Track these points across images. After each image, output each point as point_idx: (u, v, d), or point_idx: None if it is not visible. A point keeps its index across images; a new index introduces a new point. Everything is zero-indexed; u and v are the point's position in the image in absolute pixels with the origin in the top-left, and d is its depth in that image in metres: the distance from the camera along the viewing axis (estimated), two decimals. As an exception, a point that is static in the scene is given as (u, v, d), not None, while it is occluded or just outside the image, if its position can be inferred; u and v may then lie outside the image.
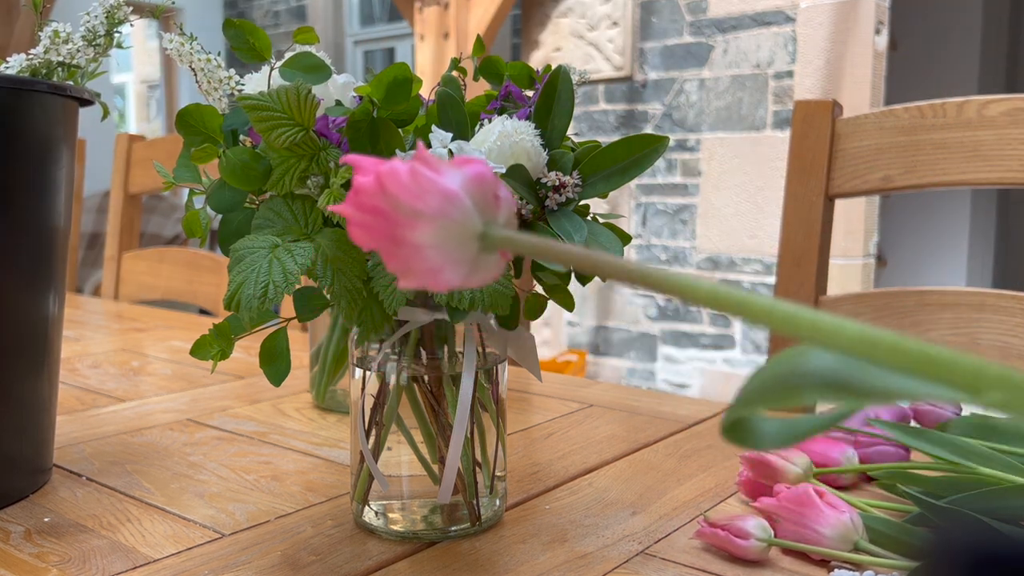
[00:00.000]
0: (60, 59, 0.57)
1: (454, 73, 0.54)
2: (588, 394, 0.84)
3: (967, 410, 0.58)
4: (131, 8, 0.60)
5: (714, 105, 3.01)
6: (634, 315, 3.28)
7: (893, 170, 0.84)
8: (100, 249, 3.76)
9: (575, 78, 0.52)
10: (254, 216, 0.46)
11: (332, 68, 0.48)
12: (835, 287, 2.59)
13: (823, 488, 0.49)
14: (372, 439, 0.50)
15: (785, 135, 2.81)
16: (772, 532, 0.47)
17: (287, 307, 1.08)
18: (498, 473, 0.52)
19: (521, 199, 0.47)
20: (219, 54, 0.51)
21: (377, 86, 0.47)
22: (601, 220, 0.49)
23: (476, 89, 0.56)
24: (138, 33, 5.19)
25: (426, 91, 0.51)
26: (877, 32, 2.66)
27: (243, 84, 0.50)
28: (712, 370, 3.10)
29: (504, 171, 0.46)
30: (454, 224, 0.21)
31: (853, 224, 2.70)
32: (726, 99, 2.98)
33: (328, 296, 0.44)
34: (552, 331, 3.51)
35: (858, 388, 0.19)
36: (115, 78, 5.35)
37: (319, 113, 0.46)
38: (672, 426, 0.73)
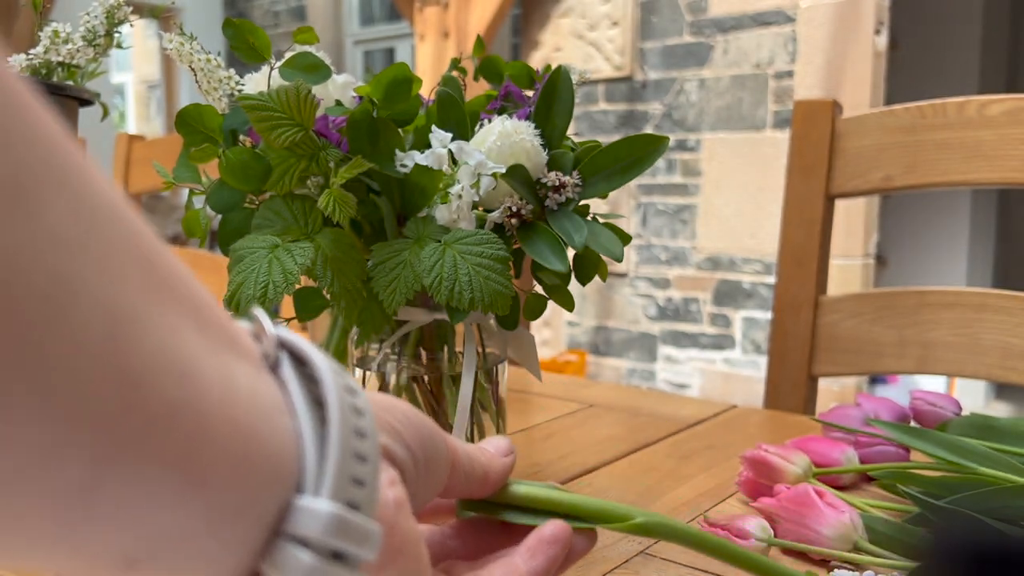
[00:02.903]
0: (60, 59, 0.57)
1: (454, 73, 0.54)
2: (588, 394, 0.84)
3: (966, 410, 0.58)
4: (131, 8, 0.59)
5: (714, 105, 3.01)
6: (634, 315, 3.28)
7: (894, 170, 0.84)
8: (100, 249, 3.74)
9: (575, 78, 0.52)
10: (254, 216, 0.46)
11: (332, 68, 0.48)
12: (835, 287, 2.59)
13: (823, 488, 0.49)
14: (372, 439, 0.50)
15: (786, 135, 2.81)
16: (772, 532, 0.47)
17: (287, 307, 1.08)
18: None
19: (521, 199, 0.47)
20: (219, 54, 0.51)
21: (376, 86, 0.47)
22: (601, 220, 0.49)
23: (476, 89, 0.56)
24: (138, 33, 5.19)
25: (426, 91, 0.51)
26: (877, 32, 2.66)
27: (243, 84, 0.50)
28: (712, 370, 3.10)
29: (504, 171, 0.46)
30: None
31: (853, 224, 2.70)
32: (726, 99, 2.98)
33: (328, 296, 0.44)
34: (552, 331, 3.51)
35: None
36: (115, 78, 5.35)
37: (319, 113, 0.46)
38: (672, 426, 0.73)
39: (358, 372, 0.50)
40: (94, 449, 0.16)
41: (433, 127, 0.47)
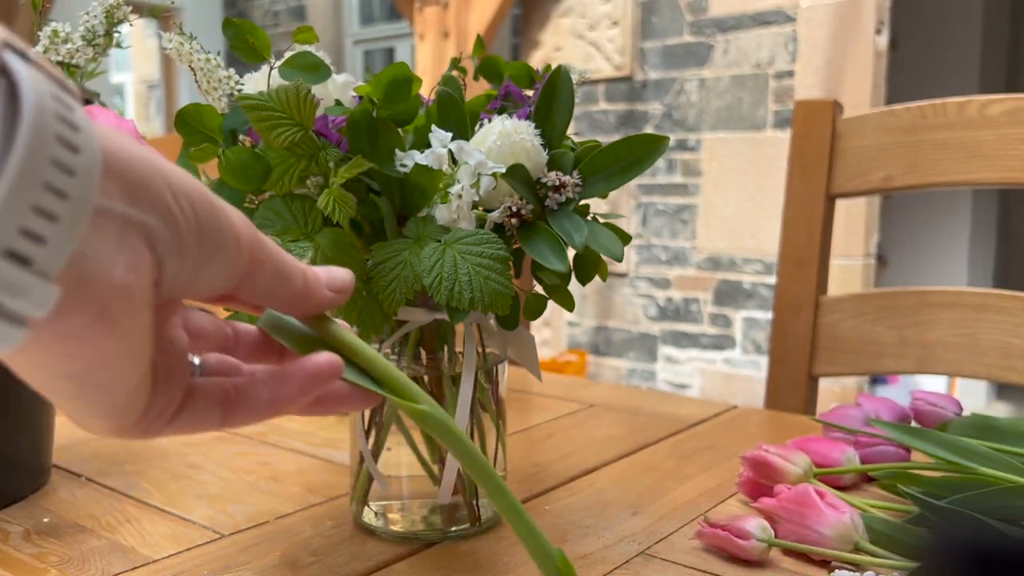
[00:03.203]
0: (59, 59, 0.57)
1: (454, 73, 0.54)
2: (588, 394, 0.84)
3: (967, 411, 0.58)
4: (130, 8, 0.59)
5: (715, 105, 3.01)
6: (634, 315, 3.28)
7: (894, 170, 0.84)
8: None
9: (575, 77, 0.52)
10: (254, 216, 0.46)
11: (331, 68, 0.48)
12: (836, 287, 2.59)
13: (823, 488, 0.49)
14: (372, 439, 0.50)
15: (786, 135, 2.81)
16: (772, 532, 0.47)
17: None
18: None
19: (521, 199, 0.47)
20: (218, 54, 0.51)
21: (376, 86, 0.47)
22: (601, 220, 0.49)
23: (476, 89, 0.56)
24: (137, 32, 5.19)
25: (426, 91, 0.51)
26: (878, 31, 2.65)
27: (242, 84, 0.50)
28: (712, 370, 3.10)
29: (504, 171, 0.46)
30: None
31: (854, 224, 2.70)
32: (727, 99, 2.98)
33: (328, 296, 0.44)
34: (552, 331, 3.51)
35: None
36: (114, 78, 5.35)
37: (319, 113, 0.46)
38: (672, 426, 0.72)
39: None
40: None
41: (433, 127, 0.47)
